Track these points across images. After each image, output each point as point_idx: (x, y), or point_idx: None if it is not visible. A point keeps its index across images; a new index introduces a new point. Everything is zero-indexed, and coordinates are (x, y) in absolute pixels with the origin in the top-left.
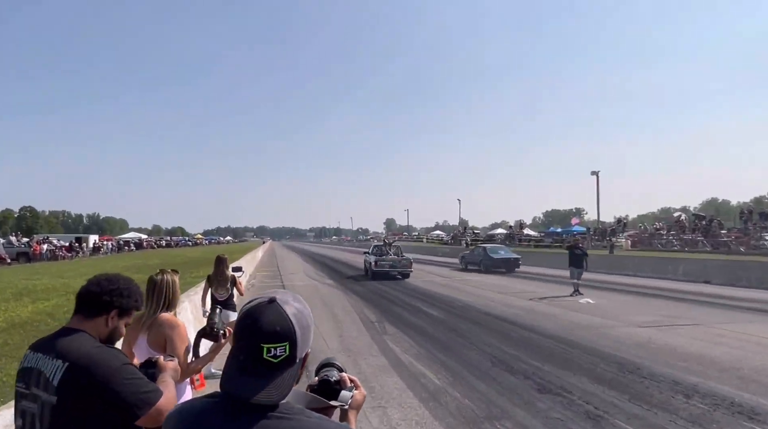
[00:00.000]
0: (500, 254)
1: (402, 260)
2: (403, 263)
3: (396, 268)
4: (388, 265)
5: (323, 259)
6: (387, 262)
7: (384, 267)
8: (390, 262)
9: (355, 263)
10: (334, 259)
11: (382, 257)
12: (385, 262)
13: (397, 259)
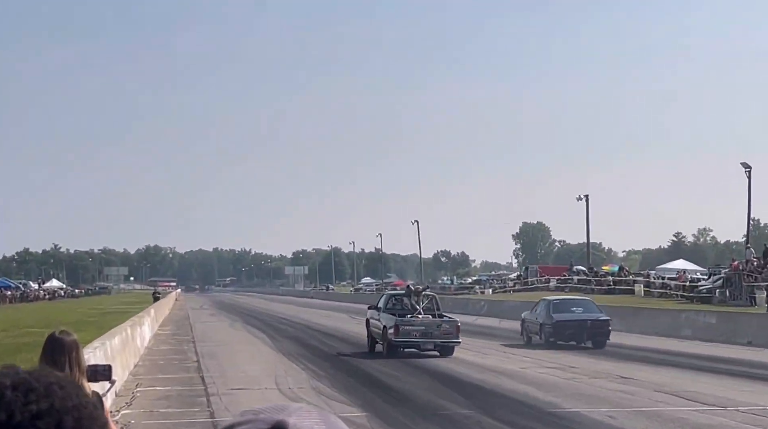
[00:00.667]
0: (574, 313)
1: (442, 324)
2: (444, 329)
3: (431, 338)
4: (417, 331)
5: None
6: (416, 328)
7: (411, 334)
8: (421, 326)
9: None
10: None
11: (408, 318)
12: (412, 326)
13: (432, 323)
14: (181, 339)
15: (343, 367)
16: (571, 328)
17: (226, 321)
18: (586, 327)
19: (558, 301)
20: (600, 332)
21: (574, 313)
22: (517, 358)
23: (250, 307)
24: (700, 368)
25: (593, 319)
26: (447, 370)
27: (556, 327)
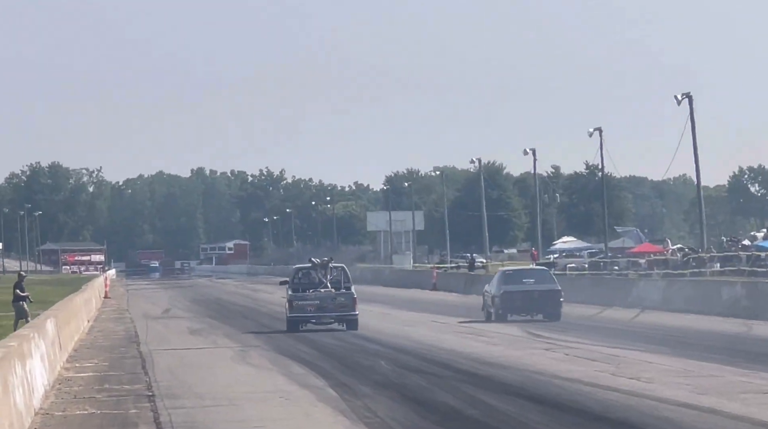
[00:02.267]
0: (524, 284)
1: (337, 297)
2: (339, 302)
3: (327, 312)
4: (312, 305)
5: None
6: (310, 302)
7: (305, 309)
8: (316, 300)
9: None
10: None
11: (306, 292)
12: (306, 301)
13: (327, 296)
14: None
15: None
16: (519, 300)
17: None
18: (534, 298)
19: (511, 272)
20: (550, 303)
21: (524, 284)
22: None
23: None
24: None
25: (542, 289)
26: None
27: (503, 298)
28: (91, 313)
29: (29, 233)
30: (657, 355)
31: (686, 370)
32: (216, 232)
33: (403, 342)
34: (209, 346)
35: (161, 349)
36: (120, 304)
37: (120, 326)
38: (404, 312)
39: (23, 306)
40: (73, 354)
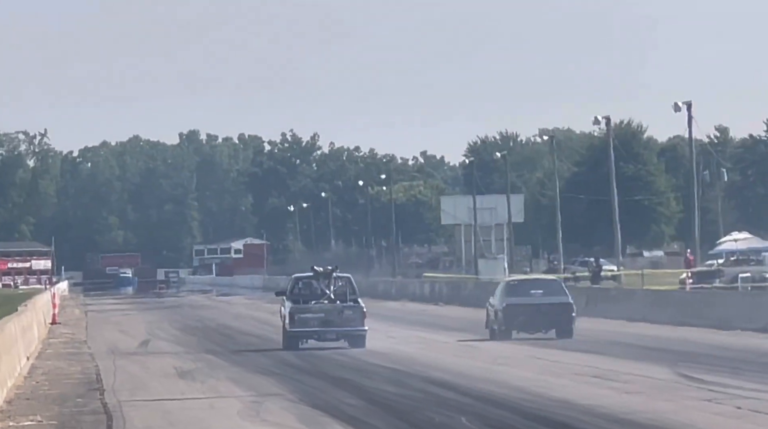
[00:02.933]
0: (531, 296)
1: (344, 310)
2: (347, 316)
3: (332, 327)
4: (316, 319)
5: None
6: (314, 316)
7: (308, 323)
8: (320, 313)
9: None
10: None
11: (309, 305)
12: (310, 314)
13: (333, 309)
14: None
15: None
16: (523, 314)
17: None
18: (542, 312)
19: (516, 283)
20: (560, 319)
21: (531, 297)
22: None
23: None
24: None
25: (550, 303)
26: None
27: (506, 312)
28: (33, 346)
29: None
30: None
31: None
32: (217, 226)
33: (494, 389)
34: (207, 394)
35: (136, 399)
36: (75, 333)
37: (75, 366)
38: (495, 344)
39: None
40: (6, 408)
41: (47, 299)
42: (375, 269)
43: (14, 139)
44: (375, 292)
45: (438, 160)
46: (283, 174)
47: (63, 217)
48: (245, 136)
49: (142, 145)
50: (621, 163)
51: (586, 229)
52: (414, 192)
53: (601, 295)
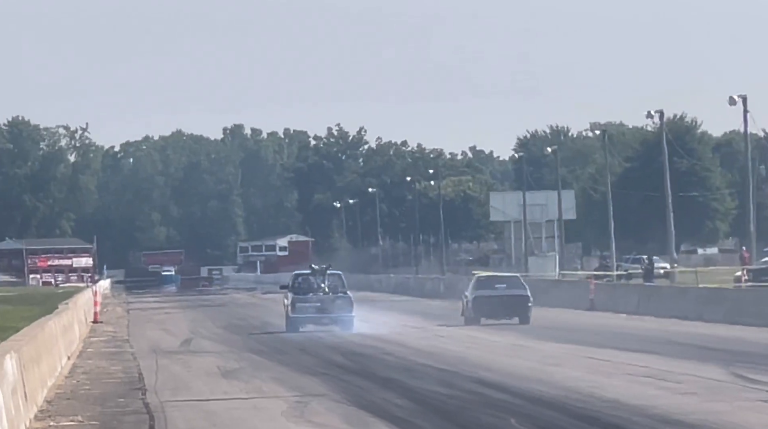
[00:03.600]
0: (496, 289)
1: (336, 299)
2: (338, 304)
3: (327, 313)
4: (313, 307)
5: None
6: (312, 304)
7: (308, 311)
8: (317, 302)
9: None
10: None
11: (307, 296)
12: (308, 303)
13: (327, 298)
14: None
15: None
16: (490, 304)
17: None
18: (505, 302)
19: (484, 278)
20: (520, 308)
21: (497, 290)
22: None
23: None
24: None
25: (511, 295)
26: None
27: (475, 303)
28: (74, 345)
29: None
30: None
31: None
32: (262, 223)
33: (544, 389)
34: (251, 395)
35: (178, 400)
36: (117, 331)
37: (116, 365)
38: (546, 343)
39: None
40: (46, 408)
41: (89, 297)
42: (423, 266)
43: (55, 134)
44: (422, 290)
45: (487, 155)
46: (329, 169)
47: (104, 214)
48: (290, 131)
49: (185, 140)
50: (675, 159)
51: (639, 226)
52: (462, 187)
53: (654, 293)
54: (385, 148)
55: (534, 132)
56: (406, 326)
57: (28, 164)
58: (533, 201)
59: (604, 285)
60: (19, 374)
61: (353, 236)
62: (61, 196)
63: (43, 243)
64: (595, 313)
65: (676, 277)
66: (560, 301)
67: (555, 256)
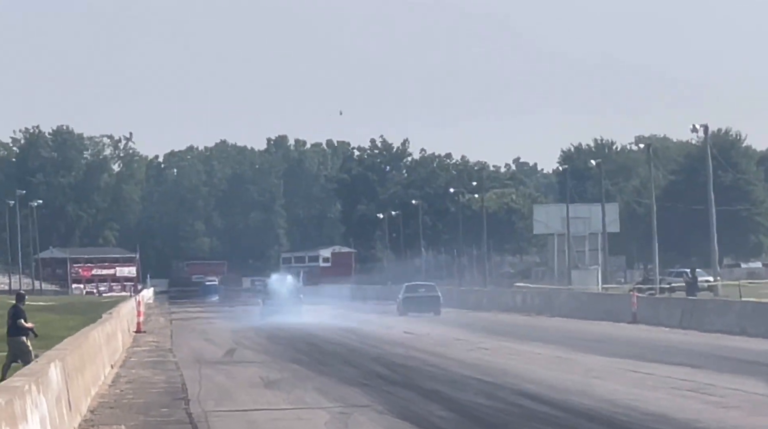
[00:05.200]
0: (417, 292)
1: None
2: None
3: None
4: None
5: None
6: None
7: (273, 306)
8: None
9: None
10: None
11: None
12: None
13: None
14: None
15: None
16: (413, 303)
17: None
18: (422, 301)
19: (411, 285)
20: (433, 305)
21: (418, 293)
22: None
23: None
24: None
25: (428, 296)
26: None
27: (404, 302)
28: (117, 355)
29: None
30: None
31: None
32: (305, 234)
33: (586, 401)
34: (294, 405)
35: (222, 410)
36: (160, 341)
37: (160, 375)
38: (588, 356)
39: (25, 343)
40: (90, 417)
41: (132, 307)
42: (466, 279)
43: (99, 143)
44: (466, 302)
45: (531, 168)
46: (372, 181)
47: (148, 223)
48: (334, 142)
49: (229, 151)
50: (719, 172)
51: (683, 239)
52: (506, 200)
53: (698, 307)
54: (429, 160)
55: (578, 145)
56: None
57: (72, 174)
58: (577, 214)
59: (646, 298)
60: (63, 383)
61: (396, 248)
62: (105, 205)
63: (86, 252)
64: (637, 326)
65: (720, 291)
66: (603, 314)
67: (598, 270)
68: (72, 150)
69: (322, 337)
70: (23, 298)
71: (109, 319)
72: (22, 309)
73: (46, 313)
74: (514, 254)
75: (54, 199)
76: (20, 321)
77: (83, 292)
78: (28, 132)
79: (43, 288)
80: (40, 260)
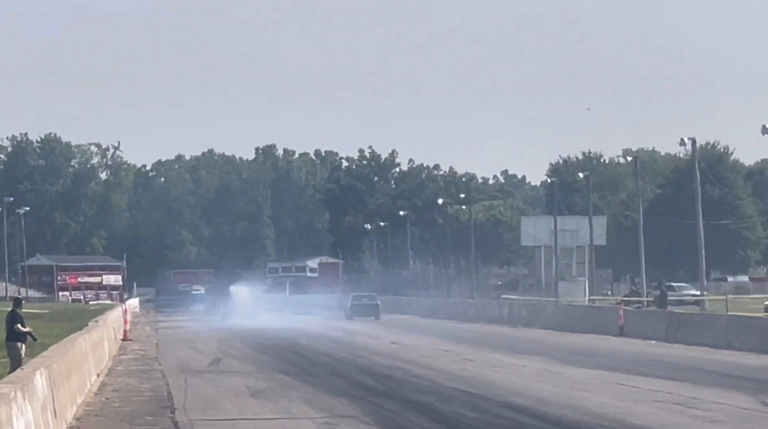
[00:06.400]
0: (362, 300)
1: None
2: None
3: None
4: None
5: None
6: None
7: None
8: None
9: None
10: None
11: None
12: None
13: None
14: None
15: None
16: (359, 309)
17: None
18: (365, 307)
19: (357, 294)
20: (374, 311)
21: (362, 301)
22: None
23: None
24: None
25: (369, 303)
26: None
27: (351, 308)
28: (103, 363)
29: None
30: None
31: None
32: (292, 244)
33: (573, 414)
34: (280, 415)
35: (207, 419)
36: (146, 349)
37: (145, 383)
38: (575, 369)
39: (18, 349)
40: (75, 425)
41: (118, 315)
42: (453, 290)
43: (87, 151)
44: (453, 313)
45: (519, 180)
46: (360, 191)
47: (135, 232)
48: (322, 152)
49: (216, 160)
50: (707, 186)
51: (670, 253)
52: (494, 212)
53: (685, 321)
54: (417, 171)
55: (566, 158)
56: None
57: (60, 181)
58: (564, 226)
59: (633, 311)
60: (49, 390)
61: (384, 259)
62: (92, 213)
63: (73, 260)
64: (624, 339)
65: (707, 305)
66: (590, 327)
67: (585, 282)
68: (60, 158)
69: (308, 348)
70: (20, 303)
71: (95, 327)
72: (20, 313)
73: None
74: (502, 266)
75: (41, 207)
76: (17, 326)
77: (69, 299)
78: (15, 139)
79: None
80: (27, 267)
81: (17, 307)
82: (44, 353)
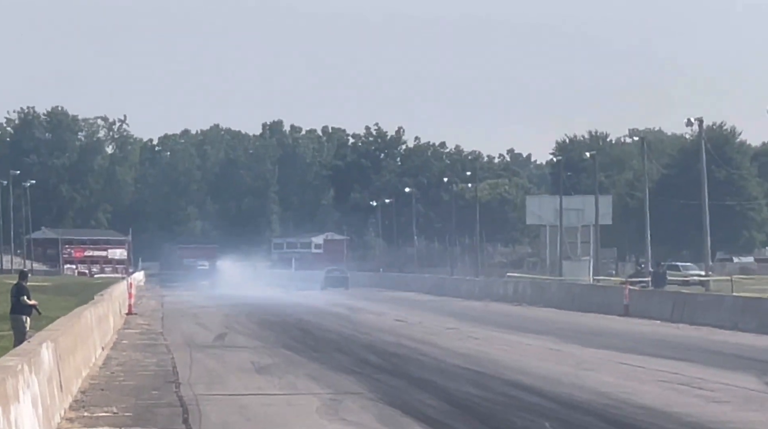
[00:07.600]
0: (334, 273)
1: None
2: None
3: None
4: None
5: None
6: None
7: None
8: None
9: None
10: None
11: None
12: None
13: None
14: None
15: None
16: (331, 280)
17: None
18: (337, 279)
19: (329, 268)
20: (344, 282)
21: (334, 273)
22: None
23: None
24: None
25: (341, 275)
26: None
27: (325, 279)
28: (108, 337)
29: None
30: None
31: None
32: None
33: (578, 393)
34: (285, 391)
35: (212, 393)
36: (151, 324)
37: (151, 358)
38: (580, 348)
39: (23, 322)
40: (81, 398)
41: (123, 290)
42: (458, 268)
43: (93, 125)
44: (458, 291)
45: (525, 159)
46: (366, 168)
47: (141, 206)
48: (329, 129)
49: (223, 135)
50: (713, 167)
51: (675, 233)
52: (499, 190)
53: (690, 301)
54: (423, 148)
55: (573, 137)
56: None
57: (66, 155)
58: (570, 205)
59: (638, 291)
60: (55, 364)
61: (389, 235)
62: (98, 187)
63: (79, 234)
64: (629, 319)
65: (711, 286)
66: (595, 306)
67: (589, 261)
68: (66, 131)
69: (314, 324)
70: (26, 276)
71: (101, 300)
72: (25, 286)
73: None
74: (506, 244)
75: (47, 180)
76: (23, 298)
77: (75, 273)
78: (23, 112)
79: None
80: (32, 240)
81: (23, 280)
82: (50, 326)
